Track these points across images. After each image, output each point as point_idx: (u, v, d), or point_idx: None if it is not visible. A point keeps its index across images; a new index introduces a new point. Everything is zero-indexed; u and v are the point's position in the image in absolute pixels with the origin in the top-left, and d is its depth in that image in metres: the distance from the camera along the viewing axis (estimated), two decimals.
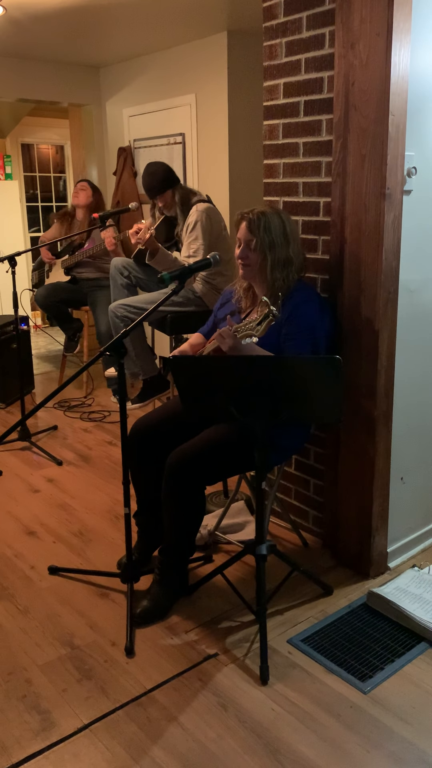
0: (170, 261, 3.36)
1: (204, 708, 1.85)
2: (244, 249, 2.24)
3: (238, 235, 2.27)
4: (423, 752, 1.71)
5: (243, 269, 2.28)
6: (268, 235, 2.19)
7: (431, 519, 2.69)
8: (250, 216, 2.21)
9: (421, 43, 2.14)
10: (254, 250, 2.21)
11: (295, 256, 2.26)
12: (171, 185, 3.52)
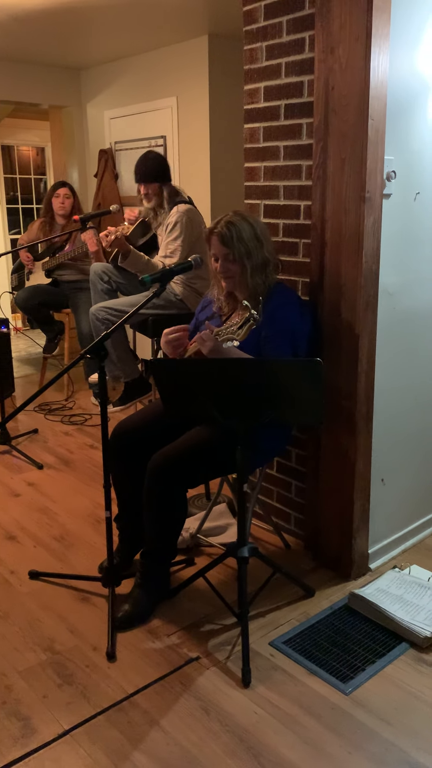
0: (143, 263, 3.35)
1: (186, 712, 1.85)
2: (224, 263, 2.23)
3: (212, 251, 2.25)
4: (404, 753, 1.71)
5: (226, 281, 2.28)
6: (242, 244, 2.19)
7: (412, 520, 2.71)
8: (220, 230, 2.20)
9: (399, 48, 2.16)
10: (233, 262, 2.21)
11: (270, 256, 2.26)
12: (160, 179, 3.50)
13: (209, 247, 2.26)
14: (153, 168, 3.49)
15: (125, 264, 3.38)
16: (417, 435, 2.64)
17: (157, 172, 3.50)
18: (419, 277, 2.48)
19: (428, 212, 2.44)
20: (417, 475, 2.69)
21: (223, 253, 2.22)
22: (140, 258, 3.36)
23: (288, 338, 2.22)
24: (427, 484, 2.75)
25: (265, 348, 2.20)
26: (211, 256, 2.28)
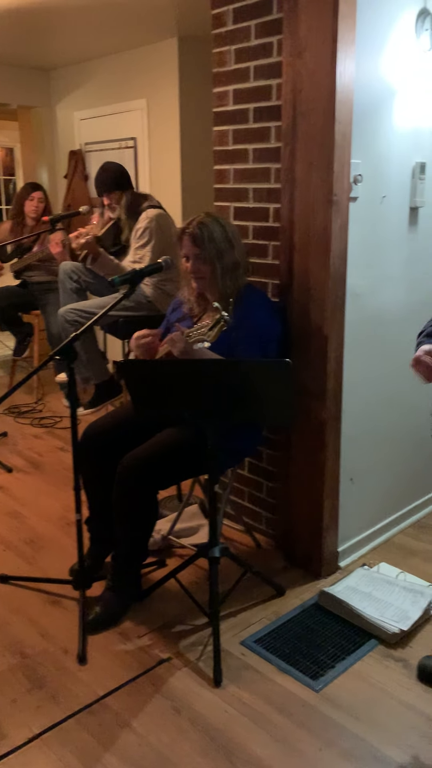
0: (113, 266, 3.35)
1: (157, 712, 1.85)
2: (195, 263, 2.24)
3: (183, 252, 2.26)
4: (374, 748, 1.74)
5: (197, 282, 2.28)
6: (213, 244, 2.20)
7: (380, 518, 2.75)
8: (191, 230, 2.21)
9: (365, 54, 2.19)
10: (204, 262, 2.22)
11: (241, 259, 2.28)
12: (120, 188, 3.52)
13: (180, 246, 2.27)
14: (111, 178, 3.51)
15: (94, 267, 3.37)
16: (385, 434, 2.68)
17: (116, 181, 3.51)
18: (386, 278, 2.52)
19: (394, 215, 2.49)
20: (385, 473, 2.73)
21: (194, 253, 2.23)
22: (110, 261, 3.36)
23: (258, 339, 2.23)
24: (395, 483, 2.79)
25: (235, 349, 2.21)
26: (182, 256, 2.29)
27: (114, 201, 3.54)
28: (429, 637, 2.16)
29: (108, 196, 3.54)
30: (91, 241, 3.26)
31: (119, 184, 3.52)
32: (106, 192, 3.53)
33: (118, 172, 3.54)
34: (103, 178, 3.52)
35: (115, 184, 3.51)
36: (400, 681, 1.97)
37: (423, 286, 2.63)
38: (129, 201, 3.51)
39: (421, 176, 2.52)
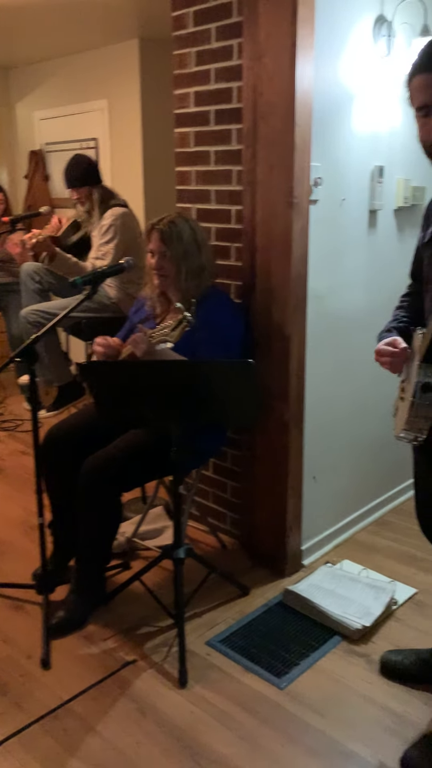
0: (70, 265, 3.32)
1: (122, 715, 1.84)
2: (159, 260, 2.24)
3: (150, 246, 2.27)
4: (337, 743, 1.76)
5: (159, 279, 2.28)
6: (181, 244, 2.21)
7: (343, 516, 2.79)
8: (162, 227, 2.21)
9: (323, 59, 2.22)
10: (169, 261, 2.23)
11: (207, 263, 2.29)
12: (90, 182, 3.48)
13: (148, 241, 2.27)
14: (81, 171, 3.47)
15: (52, 266, 3.34)
16: (347, 433, 2.72)
17: (86, 175, 3.47)
18: (346, 280, 2.56)
19: (353, 218, 2.53)
20: (347, 472, 2.77)
21: (160, 250, 2.23)
22: (67, 260, 3.32)
23: (221, 340, 2.24)
24: (357, 481, 2.83)
25: (198, 350, 2.22)
26: (147, 251, 2.29)
27: (83, 195, 3.50)
28: (391, 632, 2.19)
29: (77, 191, 3.49)
30: (44, 241, 3.23)
31: (88, 179, 3.48)
32: (76, 186, 3.48)
33: (89, 166, 3.50)
34: (74, 171, 3.46)
35: (83, 178, 3.47)
36: (363, 676, 2.00)
37: (382, 287, 2.68)
38: (100, 196, 3.48)
39: (380, 179, 2.57)
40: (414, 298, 1.80)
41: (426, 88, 1.44)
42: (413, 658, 1.99)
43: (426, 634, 2.13)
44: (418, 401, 1.55)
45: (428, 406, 1.55)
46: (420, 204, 2.81)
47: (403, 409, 1.66)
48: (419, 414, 1.56)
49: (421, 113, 1.48)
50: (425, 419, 1.56)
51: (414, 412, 1.56)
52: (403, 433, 1.62)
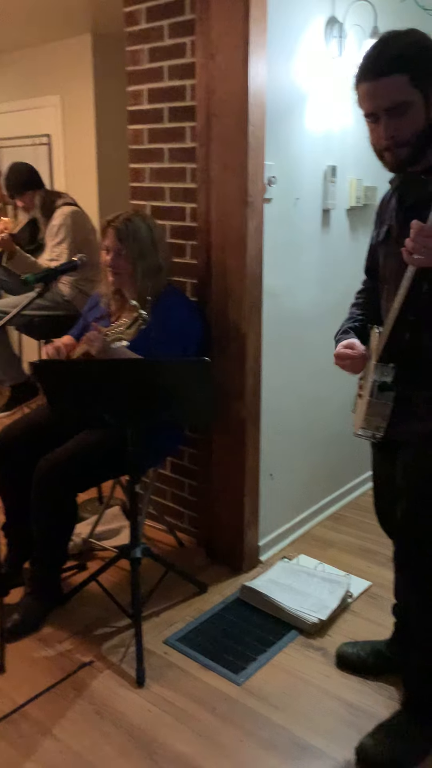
0: (29, 264, 3.27)
1: (79, 717, 1.82)
2: (114, 257, 2.22)
3: (105, 243, 2.25)
4: (294, 735, 1.78)
5: (114, 276, 2.27)
6: (137, 243, 2.19)
7: (299, 512, 2.82)
8: (118, 224, 2.20)
9: (276, 58, 2.24)
10: (124, 259, 2.21)
11: (164, 262, 2.28)
12: (32, 187, 3.44)
13: (104, 237, 2.25)
14: (21, 179, 3.43)
15: (10, 264, 3.28)
16: (302, 430, 2.75)
17: (27, 182, 3.43)
18: (301, 279, 2.59)
19: (307, 217, 2.56)
20: (303, 468, 2.80)
21: (115, 248, 2.21)
22: (26, 259, 3.27)
23: (178, 339, 2.24)
24: (312, 477, 2.87)
25: (155, 349, 2.21)
26: (102, 247, 2.26)
27: (27, 202, 3.46)
28: (346, 625, 2.23)
29: (21, 198, 3.46)
30: (7, 239, 3.17)
31: (30, 184, 3.44)
32: (18, 194, 3.44)
33: (27, 172, 3.47)
34: (13, 179, 3.43)
35: (25, 184, 3.43)
36: (319, 669, 2.03)
37: (336, 286, 2.71)
38: (42, 200, 3.44)
39: (332, 179, 2.60)
40: (369, 294, 1.83)
41: (371, 96, 1.47)
42: (368, 650, 2.03)
43: (381, 626, 2.17)
44: (375, 400, 1.58)
45: (385, 405, 1.58)
46: (372, 204, 2.85)
47: (361, 406, 1.69)
48: (376, 412, 1.59)
49: (369, 119, 1.51)
50: (382, 417, 1.59)
51: (371, 410, 1.59)
52: (361, 431, 1.65)
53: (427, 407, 1.56)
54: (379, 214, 1.73)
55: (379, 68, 1.43)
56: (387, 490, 1.75)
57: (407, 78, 1.42)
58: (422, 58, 1.43)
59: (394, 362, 1.56)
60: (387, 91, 1.43)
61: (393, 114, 1.45)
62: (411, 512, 1.64)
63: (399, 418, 1.59)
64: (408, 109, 1.43)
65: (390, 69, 1.42)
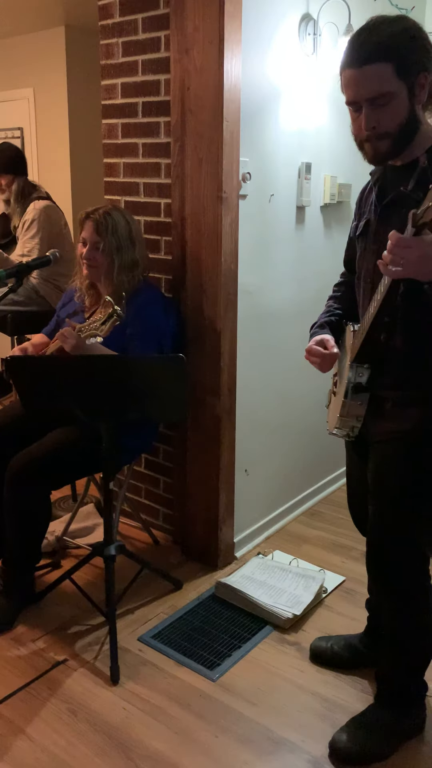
0: (2, 259, 3.24)
1: (53, 716, 1.81)
2: (91, 250, 2.20)
3: (82, 235, 2.23)
4: (268, 730, 1.79)
5: (89, 270, 2.25)
6: (115, 237, 2.18)
7: (274, 508, 2.83)
8: (97, 217, 2.18)
9: (251, 54, 2.23)
10: (101, 252, 2.19)
11: (141, 258, 2.27)
12: (14, 171, 3.40)
13: (81, 229, 2.22)
14: (7, 158, 3.39)
15: None
16: (277, 427, 2.76)
17: (12, 163, 3.40)
18: (275, 276, 2.59)
19: (282, 214, 2.56)
20: (278, 464, 2.81)
21: (93, 241, 2.19)
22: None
23: (153, 335, 2.23)
24: (287, 473, 2.88)
25: (129, 345, 2.20)
26: (79, 240, 2.24)
27: (5, 183, 3.41)
28: (321, 620, 2.25)
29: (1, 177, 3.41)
30: None
31: (14, 168, 3.40)
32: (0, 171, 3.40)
33: (15, 155, 3.44)
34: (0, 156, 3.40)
35: (9, 166, 3.39)
36: (294, 664, 2.04)
37: (311, 283, 2.73)
38: (20, 187, 3.40)
39: (307, 176, 2.61)
40: (347, 287, 1.82)
41: (353, 84, 1.40)
42: (342, 644, 2.04)
43: (354, 620, 2.19)
44: (350, 401, 1.58)
45: (359, 405, 1.58)
46: (346, 201, 2.87)
47: (336, 405, 1.69)
48: (350, 413, 1.59)
49: (351, 108, 1.45)
50: (356, 418, 1.59)
51: (345, 411, 1.59)
52: (336, 430, 1.65)
53: (397, 408, 1.57)
54: (358, 206, 1.70)
55: (363, 55, 1.36)
56: (361, 489, 1.75)
57: (391, 67, 1.35)
58: (409, 48, 1.36)
59: (367, 362, 1.56)
60: (370, 80, 1.37)
61: (375, 104, 1.39)
62: (381, 512, 1.64)
63: (371, 418, 1.59)
64: (391, 100, 1.38)
65: (374, 57, 1.35)
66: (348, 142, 1.56)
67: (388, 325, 1.52)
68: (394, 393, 1.56)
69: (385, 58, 1.35)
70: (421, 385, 1.53)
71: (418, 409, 1.54)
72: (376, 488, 1.64)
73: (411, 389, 1.54)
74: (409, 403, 1.55)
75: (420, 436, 1.54)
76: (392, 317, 1.51)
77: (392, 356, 1.55)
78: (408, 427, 1.55)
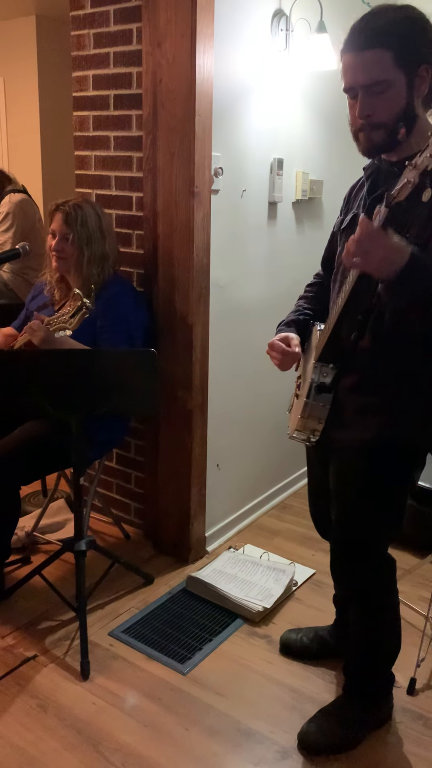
0: None
1: (22, 712, 1.80)
2: (60, 242, 2.19)
3: (52, 227, 2.21)
4: (237, 722, 1.80)
5: (58, 262, 2.23)
6: (84, 229, 2.16)
7: (245, 502, 2.85)
8: (67, 209, 2.16)
9: (223, 49, 2.23)
10: (71, 244, 2.17)
11: (111, 251, 2.26)
12: None
13: (50, 221, 2.20)
14: None
15: None
16: (248, 421, 2.77)
17: None
18: (247, 270, 2.60)
19: (254, 209, 2.57)
20: (250, 459, 2.82)
21: (62, 232, 2.17)
22: None
23: (123, 329, 2.22)
24: (259, 467, 2.90)
25: (100, 338, 2.18)
26: (48, 231, 2.22)
27: None
28: (291, 612, 2.27)
29: None
30: None
31: None
32: None
33: None
34: None
35: None
36: (264, 656, 2.06)
37: (282, 279, 2.74)
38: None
39: (279, 172, 2.62)
40: (319, 288, 1.78)
41: (351, 69, 1.36)
42: (312, 636, 2.07)
43: (324, 612, 2.21)
44: (312, 402, 1.53)
45: (322, 407, 1.53)
46: (318, 197, 2.89)
47: (297, 407, 1.64)
48: (312, 414, 1.54)
49: (348, 95, 1.40)
50: (318, 420, 1.54)
51: (307, 412, 1.54)
52: (296, 434, 1.60)
53: (358, 416, 1.52)
54: (347, 201, 1.64)
55: (362, 40, 1.32)
56: (321, 493, 1.73)
57: (391, 55, 1.31)
58: (411, 36, 1.31)
59: (333, 362, 1.52)
60: (367, 66, 1.32)
61: (371, 92, 1.34)
62: (342, 517, 1.64)
63: (331, 424, 1.55)
64: (387, 88, 1.33)
65: (374, 43, 1.31)
66: (319, 139, 1.57)
67: (361, 323, 1.47)
68: (356, 398, 1.52)
69: (384, 44, 1.31)
70: (384, 395, 1.49)
71: (379, 418, 1.50)
72: (338, 495, 1.63)
73: (373, 396, 1.50)
74: (370, 410, 1.50)
75: (381, 446, 1.51)
76: (366, 316, 1.46)
77: (359, 357, 1.50)
78: (368, 437, 1.51)
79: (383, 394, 1.49)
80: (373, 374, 1.50)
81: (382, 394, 1.49)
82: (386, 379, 1.48)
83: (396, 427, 1.49)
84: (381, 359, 1.48)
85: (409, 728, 1.80)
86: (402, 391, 1.47)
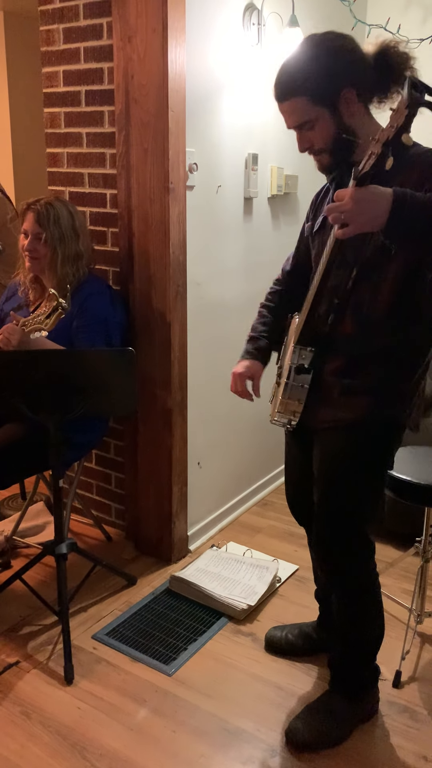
0: None
1: (5, 720, 1.77)
2: (33, 241, 2.15)
3: (24, 226, 2.17)
4: (224, 721, 1.79)
5: (31, 262, 2.19)
6: (57, 228, 2.13)
7: (227, 500, 2.84)
8: (38, 208, 2.13)
9: (195, 44, 2.21)
10: (44, 243, 2.14)
11: (85, 250, 2.22)
12: None
13: (22, 221, 2.17)
14: None
15: None
16: (228, 418, 2.75)
17: None
18: (224, 267, 2.58)
19: (229, 205, 2.55)
20: (230, 456, 2.81)
21: (34, 232, 2.13)
22: None
23: (100, 328, 2.19)
24: (239, 465, 2.89)
25: (77, 339, 2.16)
26: (21, 231, 2.18)
27: None
28: (275, 609, 2.26)
29: None
30: None
31: None
32: None
33: None
34: None
35: None
36: (249, 654, 2.05)
37: (259, 275, 2.73)
38: None
39: (254, 167, 2.61)
40: (281, 297, 1.84)
41: (282, 114, 1.54)
42: (296, 632, 2.06)
43: (308, 608, 2.21)
44: (292, 383, 1.59)
45: (301, 388, 1.59)
46: (293, 192, 2.88)
47: (278, 392, 1.70)
48: (293, 396, 1.60)
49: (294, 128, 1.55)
50: (299, 401, 1.60)
51: (287, 393, 1.60)
52: (277, 416, 1.66)
53: (344, 396, 1.57)
54: (314, 208, 1.71)
55: (279, 93, 1.50)
56: (298, 477, 1.77)
57: (306, 99, 1.46)
58: (323, 73, 1.44)
59: (311, 346, 1.57)
60: (290, 114, 1.51)
61: (303, 128, 1.51)
62: (326, 499, 1.66)
63: (313, 404, 1.60)
64: (315, 124, 1.49)
65: (288, 94, 1.48)
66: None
67: (337, 307, 1.53)
68: (342, 380, 1.57)
69: (298, 92, 1.47)
70: (370, 373, 1.55)
71: (366, 398, 1.56)
72: (322, 475, 1.66)
73: (360, 378, 1.56)
74: (357, 391, 1.56)
75: (367, 424, 1.57)
76: (342, 300, 1.52)
77: (340, 341, 1.56)
78: (355, 416, 1.57)
79: (369, 376, 1.56)
80: (357, 358, 1.56)
81: (368, 376, 1.56)
82: (371, 361, 1.55)
83: (382, 405, 1.56)
84: (364, 343, 1.54)
85: (396, 721, 1.80)
86: (386, 372, 1.55)
